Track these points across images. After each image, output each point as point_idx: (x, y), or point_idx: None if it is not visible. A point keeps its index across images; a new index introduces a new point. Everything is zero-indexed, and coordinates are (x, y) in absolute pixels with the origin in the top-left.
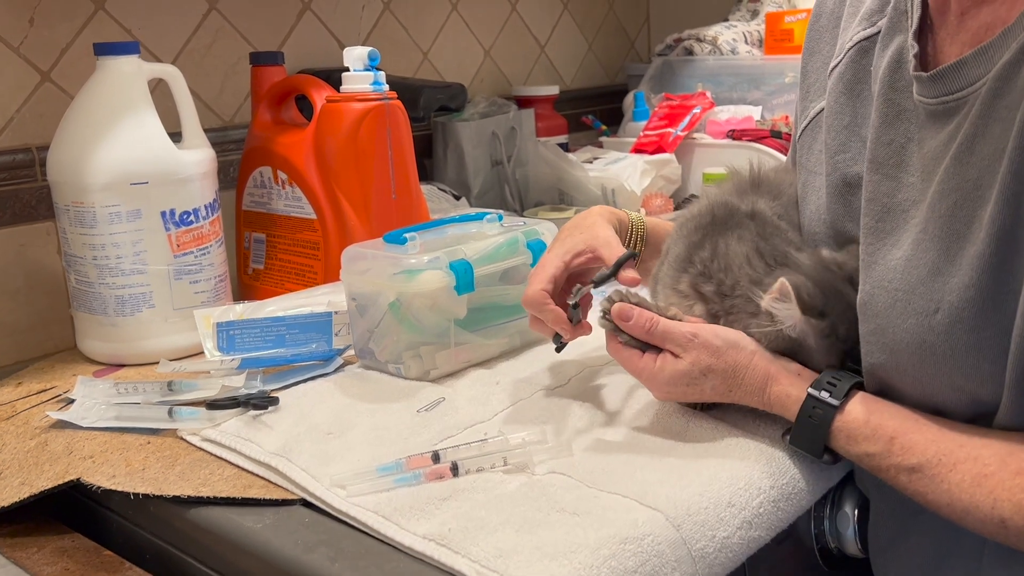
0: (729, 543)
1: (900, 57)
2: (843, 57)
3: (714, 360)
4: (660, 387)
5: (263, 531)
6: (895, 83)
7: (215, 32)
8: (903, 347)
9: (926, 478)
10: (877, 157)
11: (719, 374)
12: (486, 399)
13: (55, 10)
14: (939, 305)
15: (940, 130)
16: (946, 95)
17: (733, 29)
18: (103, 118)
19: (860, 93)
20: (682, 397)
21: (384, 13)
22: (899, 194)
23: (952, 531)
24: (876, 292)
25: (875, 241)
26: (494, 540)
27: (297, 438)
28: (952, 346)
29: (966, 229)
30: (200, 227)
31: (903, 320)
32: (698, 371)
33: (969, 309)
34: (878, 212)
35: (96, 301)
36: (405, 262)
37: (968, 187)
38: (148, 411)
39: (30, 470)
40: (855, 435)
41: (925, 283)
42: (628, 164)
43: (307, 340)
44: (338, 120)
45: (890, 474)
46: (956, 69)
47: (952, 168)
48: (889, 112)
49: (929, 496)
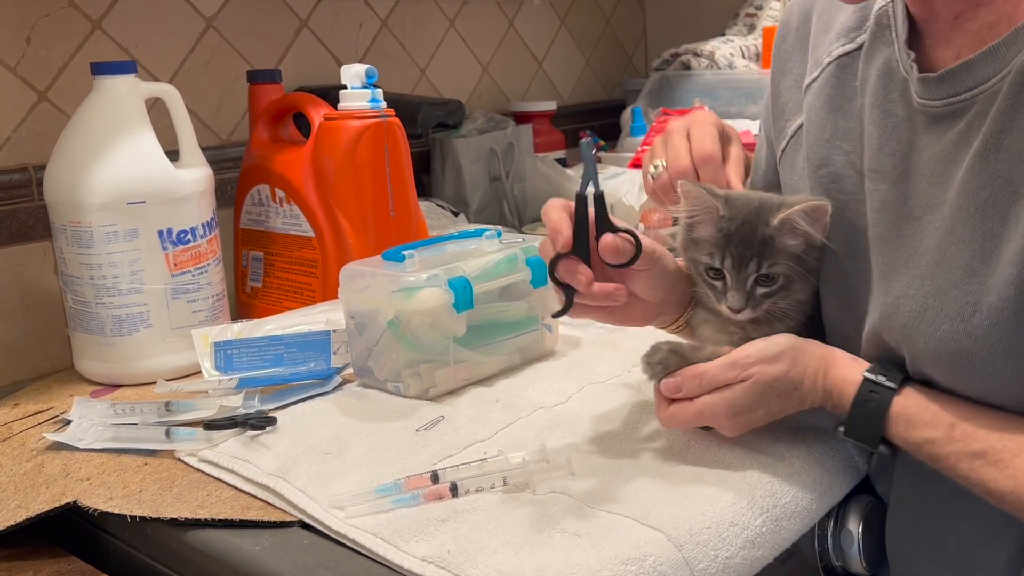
0: (732, 563)
1: (890, 68)
2: (821, 72)
3: (775, 368)
4: (725, 417)
5: (261, 553)
6: (888, 93)
7: (212, 50)
8: (935, 357)
9: (989, 464)
10: (880, 167)
11: (783, 379)
12: (486, 417)
13: (52, 29)
14: (976, 308)
15: (945, 132)
16: (952, 96)
17: (730, 43)
18: (100, 137)
19: (842, 107)
20: (751, 421)
21: (382, 30)
22: (911, 200)
23: (982, 539)
24: (901, 301)
25: (891, 250)
26: (494, 562)
27: (295, 459)
28: (991, 350)
29: (1001, 227)
30: (198, 246)
31: (935, 328)
32: (760, 388)
33: (1009, 309)
34: (890, 221)
35: (93, 321)
36: (404, 279)
37: (999, 183)
38: (145, 432)
39: (26, 492)
40: (915, 420)
41: (959, 286)
42: (626, 179)
43: (305, 359)
44: (336, 138)
45: (950, 462)
46: (964, 69)
47: (977, 166)
48: (887, 123)
49: (991, 484)
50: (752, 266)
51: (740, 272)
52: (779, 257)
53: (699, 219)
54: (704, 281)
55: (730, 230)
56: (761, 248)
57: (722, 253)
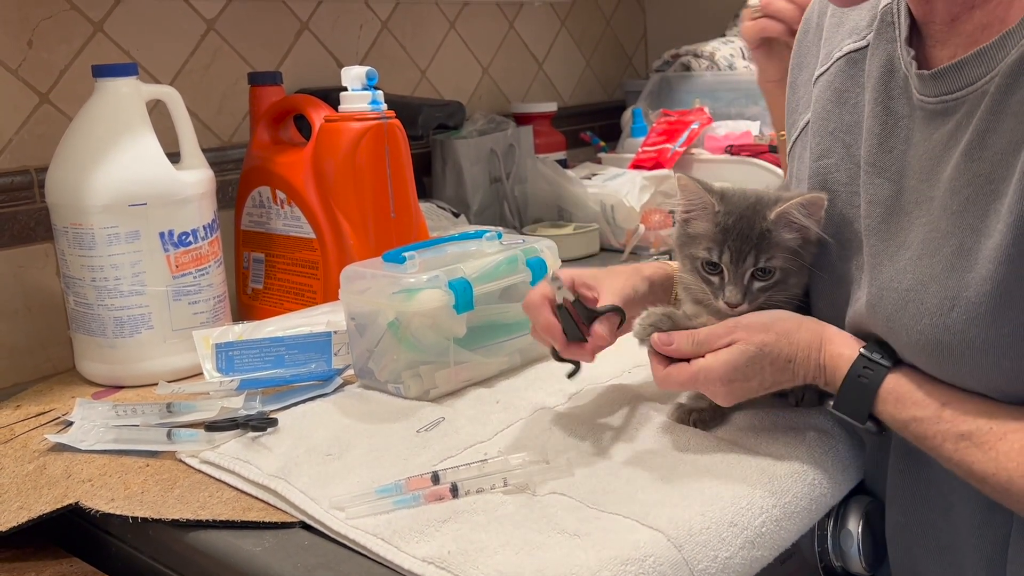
0: (731, 563)
1: (892, 65)
2: (829, 66)
3: (766, 335)
4: (720, 383)
5: (262, 554)
6: (890, 91)
7: (213, 53)
8: (917, 349)
9: (974, 446)
10: (879, 162)
11: (774, 348)
12: (486, 418)
13: (53, 32)
14: (955, 302)
15: (936, 129)
16: (946, 94)
17: (730, 44)
18: (101, 140)
19: (848, 101)
20: (744, 390)
21: (382, 32)
22: (903, 196)
23: (971, 527)
24: (885, 293)
25: (880, 242)
26: (494, 562)
27: (296, 460)
28: (969, 344)
29: (980, 223)
30: (199, 248)
31: (916, 321)
32: (754, 349)
33: (986, 304)
34: (882, 214)
35: (95, 323)
36: (404, 281)
37: (980, 182)
38: (147, 433)
39: (28, 494)
40: (905, 398)
41: (939, 280)
42: (627, 180)
43: (306, 360)
44: (336, 139)
45: (936, 441)
46: (956, 69)
47: (962, 164)
48: (888, 119)
49: (975, 466)
50: (750, 260)
51: (738, 266)
52: (776, 251)
53: (695, 214)
54: (700, 276)
55: (727, 224)
56: (759, 242)
57: (720, 248)
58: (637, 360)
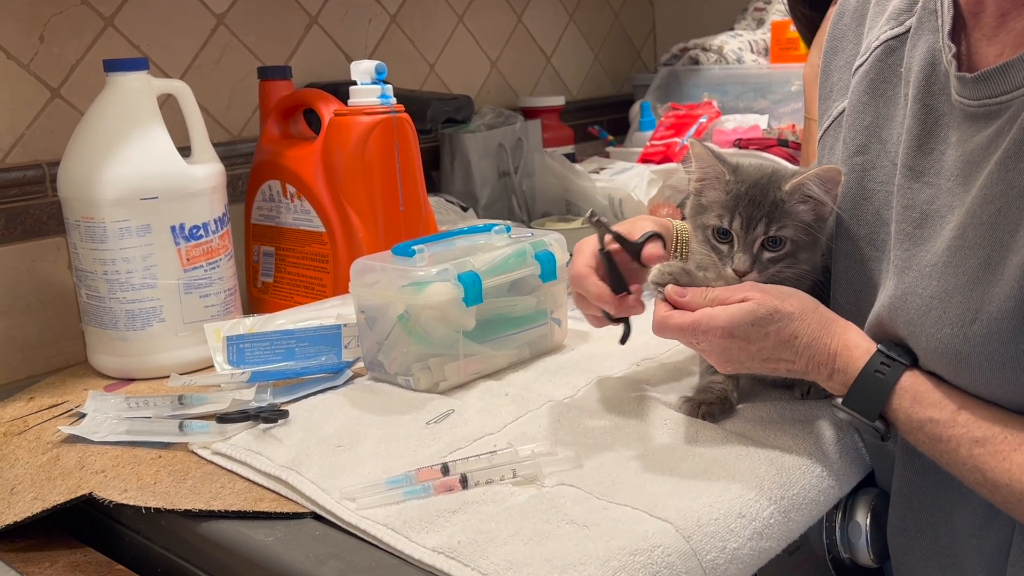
0: (740, 554)
1: (933, 59)
2: (868, 56)
3: (780, 303)
4: (720, 334)
5: (274, 544)
6: (931, 87)
7: (223, 47)
8: (936, 356)
9: (988, 453)
10: (917, 166)
11: (784, 317)
12: (495, 411)
13: (64, 27)
14: (977, 315)
15: (978, 132)
16: (989, 98)
17: (739, 38)
18: (113, 134)
19: (884, 93)
20: (741, 354)
21: (391, 26)
22: (938, 200)
23: (971, 530)
24: (909, 297)
25: (911, 247)
26: (504, 553)
27: (307, 451)
28: (988, 357)
29: (1010, 238)
30: (210, 241)
31: (937, 329)
32: (764, 311)
33: (1008, 320)
34: (916, 219)
35: (107, 316)
36: (414, 274)
37: (1014, 194)
38: (159, 425)
39: (42, 485)
40: (922, 398)
41: (963, 291)
42: (635, 174)
43: (317, 353)
44: (346, 133)
45: (950, 445)
46: (1002, 72)
47: (997, 174)
48: (928, 119)
49: (988, 473)
50: (760, 228)
51: (748, 234)
52: (788, 221)
53: (708, 183)
54: (711, 246)
55: (739, 192)
56: (771, 211)
57: (731, 214)
58: (646, 354)
